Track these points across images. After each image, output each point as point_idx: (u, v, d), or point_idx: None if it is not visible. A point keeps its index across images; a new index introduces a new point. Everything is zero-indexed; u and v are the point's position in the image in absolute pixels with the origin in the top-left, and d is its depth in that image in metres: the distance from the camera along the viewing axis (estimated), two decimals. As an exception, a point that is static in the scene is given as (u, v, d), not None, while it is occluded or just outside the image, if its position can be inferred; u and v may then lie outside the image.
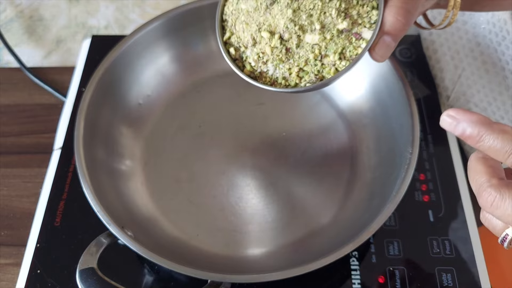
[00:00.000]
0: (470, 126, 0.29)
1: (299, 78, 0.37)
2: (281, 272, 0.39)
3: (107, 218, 0.40)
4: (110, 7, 0.71)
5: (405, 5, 0.35)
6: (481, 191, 0.30)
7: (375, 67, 0.51)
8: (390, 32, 0.35)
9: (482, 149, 0.30)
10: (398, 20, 0.35)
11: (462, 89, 0.55)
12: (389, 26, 0.35)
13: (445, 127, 0.31)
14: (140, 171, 0.51)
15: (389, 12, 0.35)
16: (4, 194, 0.53)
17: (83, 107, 0.47)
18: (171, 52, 0.56)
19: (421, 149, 0.52)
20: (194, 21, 0.55)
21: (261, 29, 0.37)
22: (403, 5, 0.35)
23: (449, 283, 0.44)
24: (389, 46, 0.36)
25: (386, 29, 0.35)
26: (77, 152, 0.44)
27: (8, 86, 0.62)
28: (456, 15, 0.41)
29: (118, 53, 0.51)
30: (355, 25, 0.36)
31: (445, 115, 0.31)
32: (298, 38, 0.36)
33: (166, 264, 0.39)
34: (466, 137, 0.30)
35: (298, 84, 0.38)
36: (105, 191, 0.44)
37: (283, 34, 0.36)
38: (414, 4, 0.35)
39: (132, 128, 0.53)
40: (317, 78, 0.37)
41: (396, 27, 0.35)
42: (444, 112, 0.31)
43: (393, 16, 0.35)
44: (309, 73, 0.37)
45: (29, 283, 0.45)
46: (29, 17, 0.70)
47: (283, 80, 0.38)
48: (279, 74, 0.38)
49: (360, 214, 0.46)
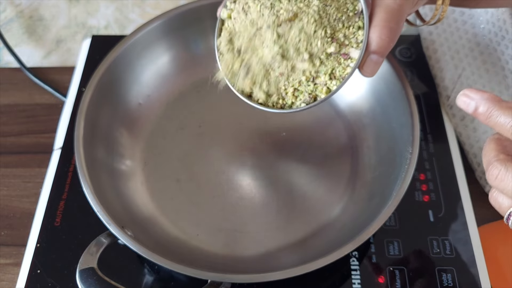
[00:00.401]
0: (481, 104, 0.31)
1: (295, 97, 0.39)
2: (281, 272, 0.39)
3: (107, 218, 0.40)
4: (110, 7, 0.71)
5: (388, 24, 0.36)
6: (488, 166, 0.31)
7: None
8: (376, 51, 0.37)
9: (491, 125, 0.31)
10: (382, 39, 0.36)
11: (462, 88, 0.55)
12: (375, 46, 0.36)
13: (461, 106, 0.33)
14: (140, 171, 0.51)
15: (374, 32, 0.36)
16: (4, 194, 0.53)
17: (83, 107, 0.47)
18: (171, 52, 0.56)
19: (421, 149, 0.52)
20: (194, 21, 0.55)
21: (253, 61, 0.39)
22: (386, 24, 0.36)
23: (449, 283, 0.44)
24: (377, 63, 0.37)
25: (372, 49, 0.36)
26: (77, 152, 0.44)
27: (8, 86, 0.62)
28: (445, 11, 0.42)
29: (118, 53, 0.51)
30: (343, 46, 0.37)
31: (461, 94, 0.33)
32: (289, 67, 0.38)
33: (166, 264, 0.39)
34: (477, 114, 0.32)
35: (294, 102, 0.39)
36: (105, 191, 0.44)
37: (273, 65, 0.38)
38: (397, 19, 0.37)
39: (132, 128, 0.53)
40: (311, 98, 0.38)
41: (381, 46, 0.36)
42: (460, 92, 0.33)
43: (378, 36, 0.36)
44: (304, 93, 0.39)
45: (29, 283, 0.45)
46: (29, 17, 0.70)
47: (281, 100, 0.39)
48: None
49: (360, 214, 0.46)
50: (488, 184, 0.52)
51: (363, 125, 0.53)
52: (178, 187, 0.50)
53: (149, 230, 0.46)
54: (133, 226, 0.43)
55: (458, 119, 0.55)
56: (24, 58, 0.63)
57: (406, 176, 0.42)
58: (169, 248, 0.45)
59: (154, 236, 0.46)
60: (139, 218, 0.47)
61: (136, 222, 0.46)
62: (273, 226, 0.48)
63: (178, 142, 0.53)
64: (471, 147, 0.54)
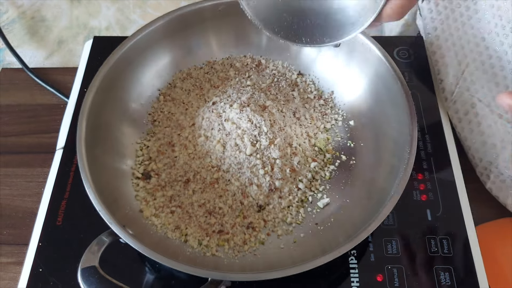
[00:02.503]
0: None
1: None
2: (281, 271, 0.39)
3: (108, 217, 0.41)
4: (112, 8, 0.71)
5: None
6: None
7: (373, 67, 0.51)
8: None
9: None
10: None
11: (466, 84, 0.55)
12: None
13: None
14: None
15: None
16: (7, 193, 0.53)
17: (85, 108, 0.47)
18: (172, 53, 0.56)
19: (419, 148, 0.53)
20: (195, 22, 0.56)
21: None
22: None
23: (447, 281, 0.45)
24: None
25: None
26: (79, 152, 0.44)
27: (10, 86, 0.62)
28: None
29: (120, 54, 0.51)
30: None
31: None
32: None
33: (166, 262, 0.39)
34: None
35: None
36: (106, 190, 0.45)
37: None
38: None
39: (133, 128, 0.53)
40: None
41: None
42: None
43: None
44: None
45: (31, 281, 0.45)
46: (31, 18, 0.70)
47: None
48: None
49: (358, 213, 0.46)
50: (490, 180, 0.52)
51: (362, 124, 0.53)
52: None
53: (150, 229, 0.46)
54: (134, 225, 0.44)
55: (461, 113, 0.55)
56: (26, 59, 0.64)
57: (404, 175, 0.43)
58: (169, 246, 0.45)
59: (155, 235, 0.46)
60: (140, 217, 0.47)
61: (137, 220, 0.46)
62: (273, 225, 0.48)
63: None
64: (472, 143, 0.54)
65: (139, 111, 0.54)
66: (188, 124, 0.52)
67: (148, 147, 0.52)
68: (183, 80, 0.57)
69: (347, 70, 0.55)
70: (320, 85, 0.57)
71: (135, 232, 0.42)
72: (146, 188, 0.49)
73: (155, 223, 0.47)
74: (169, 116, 0.54)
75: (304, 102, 0.55)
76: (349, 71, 0.54)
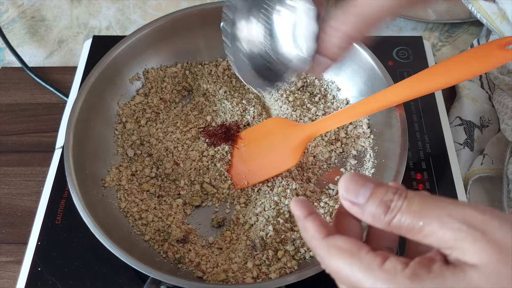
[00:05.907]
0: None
1: None
2: (280, 279, 0.40)
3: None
4: (112, 8, 0.71)
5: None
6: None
7: (367, 71, 0.51)
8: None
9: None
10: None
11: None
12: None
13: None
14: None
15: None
16: (6, 192, 0.53)
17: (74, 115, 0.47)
18: (172, 53, 0.56)
19: (418, 148, 0.53)
20: (196, 23, 0.55)
21: None
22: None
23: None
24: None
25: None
26: (68, 171, 0.44)
27: (10, 85, 0.62)
28: None
29: (117, 53, 0.51)
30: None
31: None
32: None
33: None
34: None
35: None
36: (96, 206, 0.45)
37: None
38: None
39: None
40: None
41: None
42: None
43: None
44: None
45: (30, 280, 0.45)
46: (31, 17, 0.70)
47: None
48: None
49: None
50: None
51: (361, 124, 0.53)
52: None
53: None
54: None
55: None
56: (26, 58, 0.64)
57: (398, 174, 0.43)
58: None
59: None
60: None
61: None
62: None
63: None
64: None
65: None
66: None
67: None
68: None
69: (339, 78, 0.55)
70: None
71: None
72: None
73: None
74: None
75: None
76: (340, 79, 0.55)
